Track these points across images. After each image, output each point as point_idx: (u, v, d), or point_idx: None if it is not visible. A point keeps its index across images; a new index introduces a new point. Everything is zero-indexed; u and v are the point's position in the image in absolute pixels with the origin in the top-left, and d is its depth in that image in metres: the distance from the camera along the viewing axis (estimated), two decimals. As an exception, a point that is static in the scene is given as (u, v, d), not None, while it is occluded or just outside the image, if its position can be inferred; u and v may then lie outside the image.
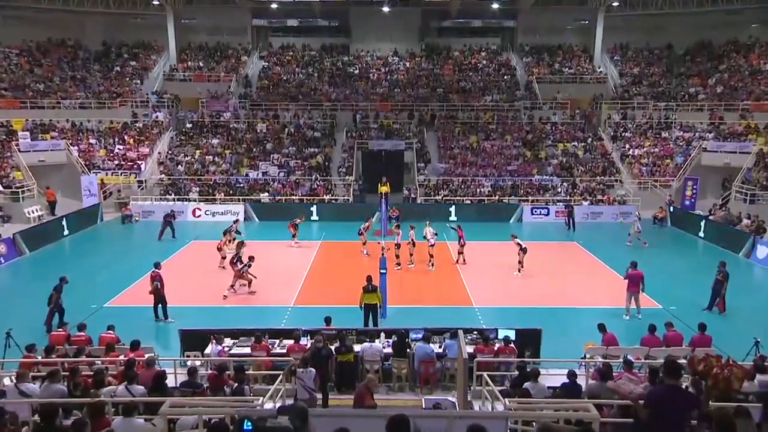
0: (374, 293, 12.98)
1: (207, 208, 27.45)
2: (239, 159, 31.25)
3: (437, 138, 33.29)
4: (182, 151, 31.70)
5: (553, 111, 34.75)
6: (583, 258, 20.52)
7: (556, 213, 27.25)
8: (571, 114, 34.58)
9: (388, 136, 32.79)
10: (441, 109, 34.99)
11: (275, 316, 14.24)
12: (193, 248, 21.75)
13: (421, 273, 18.29)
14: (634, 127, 33.09)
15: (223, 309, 14.93)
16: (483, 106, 35.07)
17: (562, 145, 32.16)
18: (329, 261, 19.86)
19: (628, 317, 14.16)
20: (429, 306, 15.26)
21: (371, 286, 13.04)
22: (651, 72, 37.17)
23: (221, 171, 30.19)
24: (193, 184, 29.16)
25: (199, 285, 16.97)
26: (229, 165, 30.61)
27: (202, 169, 30.36)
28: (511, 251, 18.53)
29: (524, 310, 14.96)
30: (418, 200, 28.67)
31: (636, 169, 30.10)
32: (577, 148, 31.96)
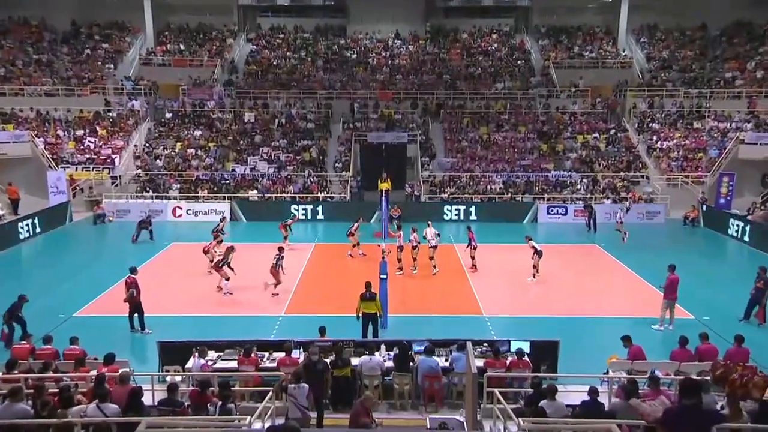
0: (373, 301, 12.97)
1: (189, 206, 27.48)
2: (224, 153, 31.26)
3: (443, 130, 33.29)
4: (161, 144, 31.72)
5: (572, 99, 34.78)
6: (606, 262, 20.51)
7: (574, 212, 27.25)
8: (591, 103, 34.59)
9: (389, 127, 32.79)
10: (447, 97, 34.99)
11: (264, 327, 14.23)
12: (172, 251, 21.74)
13: (425, 279, 18.27)
14: (663, 116, 33.09)
15: (206, 319, 14.92)
16: (494, 95, 35.07)
17: (582, 138, 32.16)
18: (324, 265, 19.84)
19: (662, 328, 14.10)
20: (434, 315, 15.25)
21: (370, 294, 13.02)
22: (682, 55, 37.15)
23: (204, 166, 30.21)
24: (173, 180, 29.18)
25: (180, 292, 16.96)
26: (213, 159, 30.63)
27: (183, 163, 30.38)
28: (525, 255, 18.50)
29: (540, 319, 14.94)
30: (422, 198, 28.68)
31: (664, 164, 30.10)
32: (599, 141, 31.96)
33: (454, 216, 27.37)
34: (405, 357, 10.68)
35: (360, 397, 9.04)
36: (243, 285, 17.24)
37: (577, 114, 33.93)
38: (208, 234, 20.77)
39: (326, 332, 11.76)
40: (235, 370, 10.57)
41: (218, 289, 16.87)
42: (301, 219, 26.34)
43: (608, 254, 21.38)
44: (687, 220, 26.53)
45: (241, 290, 16.88)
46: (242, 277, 17.79)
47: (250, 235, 24.66)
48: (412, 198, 28.91)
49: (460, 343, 10.77)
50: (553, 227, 26.40)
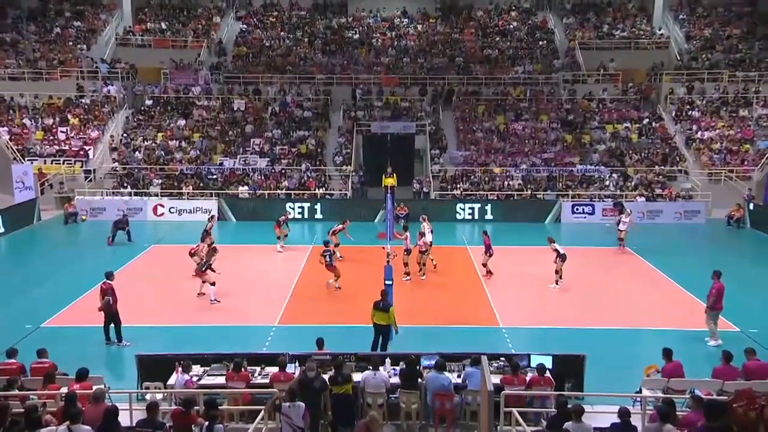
0: (386, 312, 12.91)
1: (171, 204, 27.53)
2: (211, 144, 31.30)
3: (455, 119, 33.24)
4: (140, 135, 31.80)
5: (600, 85, 34.69)
6: (638, 267, 20.42)
7: (603, 211, 27.17)
8: (623, 88, 34.49)
9: (395, 116, 32.77)
10: (460, 83, 34.94)
11: (256, 338, 14.21)
12: (153, 254, 21.77)
13: (434, 285, 18.25)
14: (704, 103, 32.96)
15: (191, 329, 14.92)
16: (513, 80, 35.01)
17: (612, 127, 32.07)
18: (322, 269, 19.82)
19: (719, 341, 13.93)
20: (445, 326, 15.20)
21: (384, 303, 12.99)
22: (727, 34, 36.95)
23: (189, 159, 30.27)
24: (153, 175, 29.24)
25: (162, 300, 16.97)
26: (198, 152, 30.69)
27: (166, 156, 30.45)
28: (546, 258, 18.43)
29: (563, 331, 14.88)
30: (432, 195, 28.65)
31: (705, 157, 29.98)
32: (631, 131, 31.85)
33: (467, 215, 27.34)
34: (413, 373, 10.63)
35: (362, 417, 9.00)
36: (232, 291, 17.23)
37: (606, 101, 33.82)
38: (193, 235, 20.82)
39: (325, 344, 11.74)
40: (223, 386, 10.55)
41: (200, 295, 16.89)
42: (296, 218, 26.35)
43: (641, 258, 21.28)
44: (731, 220, 26.40)
45: (230, 297, 16.88)
46: (231, 282, 17.78)
47: (240, 236, 24.66)
48: (421, 195, 28.88)
49: (474, 357, 10.72)
50: (578, 228, 26.31)
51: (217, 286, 16.72)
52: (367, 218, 26.74)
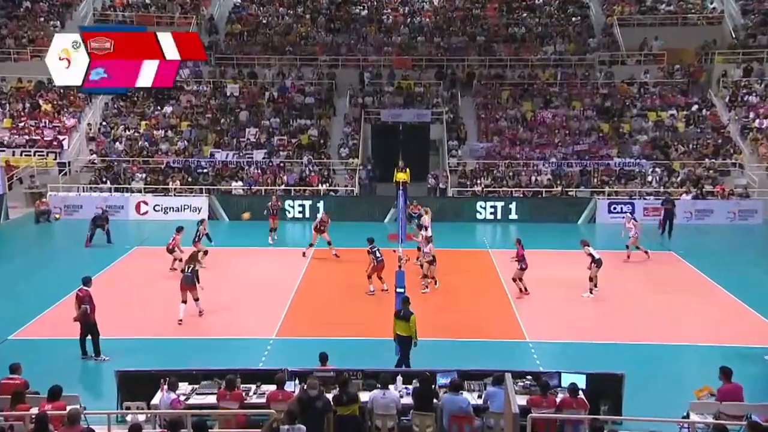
0: (406, 322, 12.91)
1: (156, 202, 27.65)
2: (202, 134, 31.38)
3: (476, 106, 33.16)
4: (121, 123, 31.95)
5: (641, 67, 34.51)
6: (685, 274, 20.31)
7: (645, 210, 27.02)
8: (668, 70, 34.29)
9: (408, 103, 32.72)
10: (482, 65, 34.85)
11: (250, 352, 14.21)
12: (136, 257, 21.85)
13: (452, 293, 18.20)
14: (763, 87, 32.70)
15: (178, 342, 14.96)
16: (541, 61, 34.90)
17: (655, 115, 31.89)
18: (325, 275, 19.83)
19: None
20: (463, 339, 15.17)
21: (405, 312, 12.99)
22: (791, 8, 36.56)
23: (176, 151, 30.38)
24: (136, 168, 29.38)
25: (146, 309, 17.03)
26: (187, 143, 30.79)
27: (150, 148, 30.57)
28: (579, 264, 18.36)
29: (599, 347, 14.81)
30: (449, 192, 28.58)
31: (764, 149, 29.75)
32: (677, 119, 31.67)
33: (489, 215, 27.30)
34: (427, 392, 10.60)
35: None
36: (224, 299, 17.27)
37: (649, 85, 33.64)
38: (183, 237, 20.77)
39: (328, 359, 11.72)
40: (214, 407, 10.55)
41: (200, 313, 16.27)
42: (296, 217, 26.40)
43: (688, 264, 21.15)
44: (791, 221, 26.21)
45: (222, 306, 16.91)
46: (223, 289, 17.80)
47: (233, 237, 24.70)
48: (437, 192, 28.83)
49: (496, 375, 10.67)
50: (616, 230, 26.09)
51: (206, 293, 16.69)
52: (377, 218, 26.72)
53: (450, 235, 23.48)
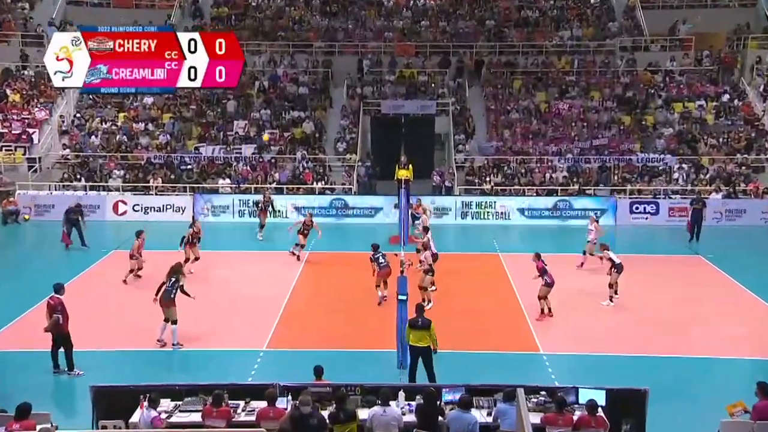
0: (427, 330, 13.00)
1: (136, 201, 27.63)
2: (185, 128, 31.35)
3: (485, 96, 33.15)
4: (97, 115, 31.94)
5: (667, 53, 34.47)
6: (715, 281, 20.28)
7: (670, 211, 26.98)
8: (696, 57, 34.28)
9: (411, 93, 32.69)
10: (492, 51, 34.81)
11: (239, 365, 14.19)
12: (113, 262, 21.78)
13: (459, 301, 18.17)
14: (801, 75, 32.65)
15: (159, 354, 14.95)
16: (557, 47, 34.89)
17: (681, 106, 31.87)
18: (320, 281, 19.81)
19: None
20: (472, 351, 15.14)
21: (422, 320, 13.04)
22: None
23: (158, 146, 30.36)
24: (114, 165, 29.35)
25: (123, 317, 16.99)
26: (169, 136, 30.77)
27: (129, 142, 30.53)
28: (598, 269, 18.30)
29: (619, 360, 14.79)
30: (456, 190, 28.57)
31: (801, 143, 29.78)
32: (706, 111, 31.66)
33: (499, 215, 27.29)
34: (432, 409, 10.57)
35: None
36: (210, 308, 17.24)
37: (675, 73, 33.62)
38: (162, 238, 20.87)
39: (324, 373, 11.69)
40: (200, 425, 10.50)
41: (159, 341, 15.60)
42: (289, 218, 26.33)
43: (718, 269, 21.12)
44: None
45: (208, 315, 16.88)
46: (209, 297, 17.77)
47: (219, 240, 24.67)
48: (442, 190, 28.81)
49: (507, 390, 10.64)
50: (639, 231, 26.12)
51: (192, 302, 16.63)
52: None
53: (455, 238, 23.51)
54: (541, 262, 17.22)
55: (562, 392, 11.07)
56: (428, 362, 13.03)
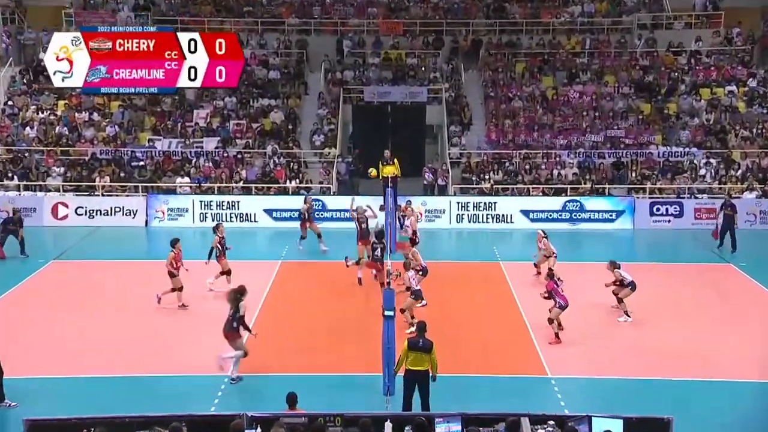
0: (428, 354, 12.92)
1: (79, 203, 27.49)
2: (137, 118, 31.22)
3: (484, 82, 33.25)
4: (33, 103, 31.74)
5: (692, 31, 34.60)
6: (748, 293, 20.39)
7: (696, 212, 27.12)
8: (725, 36, 34.45)
9: (399, 78, 32.71)
10: (491, 30, 34.90)
11: (200, 393, 14.17)
12: (52, 273, 21.70)
13: (455, 317, 18.17)
14: None
15: (107, 381, 14.84)
16: (565, 25, 35.02)
17: (709, 92, 32.04)
18: (295, 295, 19.81)
19: None
20: (469, 374, 15.17)
21: (424, 342, 12.96)
22: None
23: (105, 139, 30.19)
24: (53, 161, 29.17)
25: (64, 338, 16.86)
26: (118, 128, 30.63)
27: (71, 135, 30.36)
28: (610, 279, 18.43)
29: (638, 384, 14.84)
30: (450, 189, 28.59)
31: None
32: (737, 97, 31.84)
33: (499, 218, 27.36)
34: (423, 442, 10.57)
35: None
36: (167, 325, 17.27)
37: (701, 54, 33.78)
38: (109, 249, 20.75)
39: (298, 402, 11.67)
40: (152, 463, 10.47)
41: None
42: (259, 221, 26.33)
43: (752, 279, 21.25)
44: None
45: (164, 334, 16.87)
46: (166, 313, 17.74)
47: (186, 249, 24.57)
48: (434, 189, 28.84)
49: (511, 419, 10.66)
50: (660, 236, 26.26)
51: (143, 318, 16.60)
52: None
53: (450, 244, 23.55)
54: (553, 283, 17.17)
55: (573, 422, 11.09)
56: (425, 389, 12.99)
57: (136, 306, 18.52)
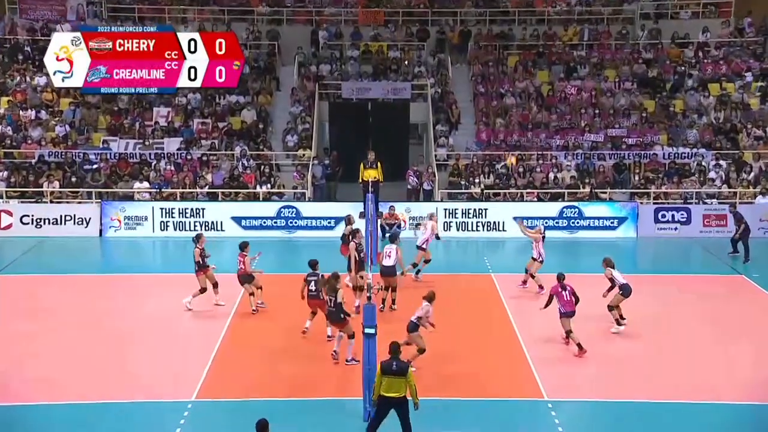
0: (403, 377, 12.74)
1: (25, 211, 27.30)
2: (90, 116, 31.09)
3: (473, 77, 33.36)
4: (-25, 100, 31.55)
5: (700, 21, 34.88)
6: (762, 306, 20.53)
7: (705, 219, 27.26)
8: (736, 26, 34.72)
9: (379, 73, 32.76)
10: (481, 20, 35.05)
11: (160, 422, 14.12)
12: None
13: (444, 335, 18.12)
14: None
15: (54, 409, 14.70)
16: (561, 15, 35.27)
17: (718, 88, 32.26)
18: (265, 312, 19.75)
19: None
20: (458, 398, 15.14)
21: (397, 364, 12.77)
22: None
23: (54, 140, 30.02)
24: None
25: (7, 363, 16.72)
26: (69, 128, 30.49)
27: (15, 135, 30.19)
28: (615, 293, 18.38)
29: (645, 407, 14.83)
30: (436, 194, 28.63)
31: None
32: (749, 93, 32.05)
33: (491, 226, 27.41)
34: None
35: None
36: (122, 347, 17.17)
37: (710, 47, 34.02)
38: (64, 260, 20.57)
39: (269, 429, 11.62)
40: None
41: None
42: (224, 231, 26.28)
43: (766, 292, 21.38)
44: None
45: (120, 357, 16.76)
46: (121, 333, 17.67)
47: (136, 260, 24.47)
48: (419, 194, 28.86)
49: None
50: (666, 245, 26.36)
51: (98, 341, 16.42)
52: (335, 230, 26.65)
53: (437, 254, 23.49)
54: (557, 285, 17.29)
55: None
56: (405, 416, 12.81)
57: (90, 325, 18.36)
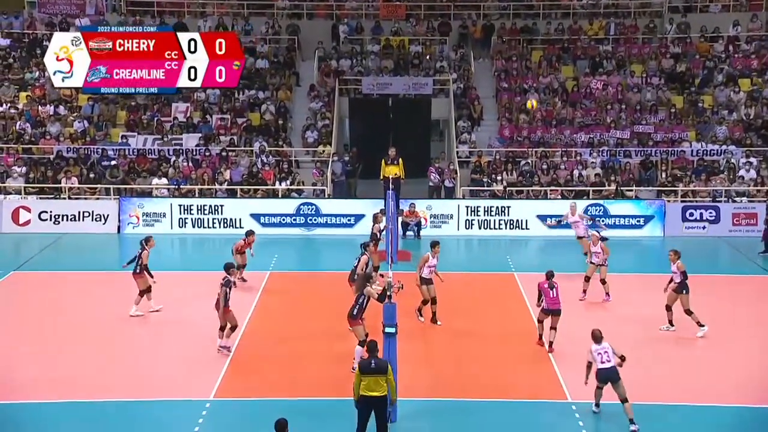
0: (383, 375, 12.63)
1: (43, 207, 27.46)
2: (108, 112, 31.21)
3: (496, 72, 33.28)
4: (-8, 96, 31.76)
5: (730, 14, 34.69)
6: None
7: (734, 218, 27.10)
8: (767, 20, 34.50)
9: (400, 69, 32.72)
10: (504, 14, 34.96)
11: (179, 420, 14.16)
12: (12, 286, 21.70)
13: (463, 334, 18.11)
14: None
15: (72, 407, 14.76)
16: (587, 8, 35.12)
17: (749, 83, 32.08)
18: (283, 312, 19.80)
19: None
20: (478, 399, 15.09)
21: (376, 363, 12.65)
22: None
23: (72, 135, 30.16)
24: (13, 160, 29.13)
25: (23, 359, 16.80)
26: (87, 123, 30.62)
27: (34, 131, 30.35)
28: (646, 292, 18.49)
29: (672, 410, 14.76)
30: (458, 192, 28.61)
31: None
32: (780, 89, 31.85)
33: (514, 224, 27.42)
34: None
35: None
36: (141, 346, 17.20)
37: (740, 41, 33.81)
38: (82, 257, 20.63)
39: (287, 429, 11.60)
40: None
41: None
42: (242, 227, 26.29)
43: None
44: None
45: (138, 355, 16.81)
46: (140, 332, 17.71)
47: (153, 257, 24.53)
48: (441, 192, 28.84)
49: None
50: (694, 244, 26.14)
51: (115, 337, 16.46)
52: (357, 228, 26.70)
53: (458, 253, 23.47)
54: (545, 281, 17.31)
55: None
56: (381, 417, 12.68)
57: (107, 323, 18.46)
